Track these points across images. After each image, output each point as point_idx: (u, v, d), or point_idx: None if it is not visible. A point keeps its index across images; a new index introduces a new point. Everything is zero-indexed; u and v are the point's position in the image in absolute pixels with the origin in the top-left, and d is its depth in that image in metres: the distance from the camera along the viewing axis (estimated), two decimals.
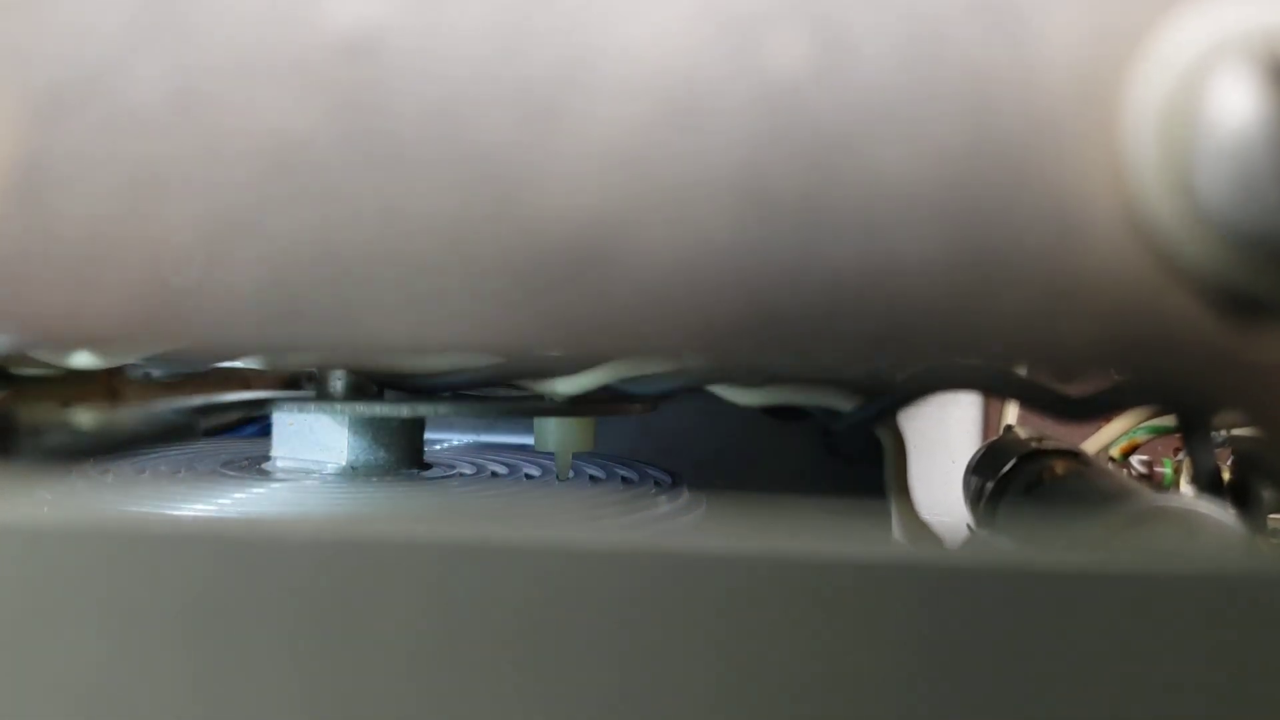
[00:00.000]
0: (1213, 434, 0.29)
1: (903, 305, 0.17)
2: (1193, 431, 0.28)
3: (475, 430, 0.52)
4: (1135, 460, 0.40)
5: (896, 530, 0.32)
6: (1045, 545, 0.22)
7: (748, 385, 0.32)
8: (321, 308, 0.18)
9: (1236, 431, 0.33)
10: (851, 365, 0.18)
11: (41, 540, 0.16)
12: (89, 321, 0.18)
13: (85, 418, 0.29)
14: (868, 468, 0.49)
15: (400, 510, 0.31)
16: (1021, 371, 0.28)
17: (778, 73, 0.17)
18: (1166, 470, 0.41)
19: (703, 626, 0.16)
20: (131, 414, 0.31)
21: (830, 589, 0.16)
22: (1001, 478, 0.32)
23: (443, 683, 0.16)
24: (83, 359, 0.32)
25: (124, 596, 0.16)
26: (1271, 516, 0.30)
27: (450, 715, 0.16)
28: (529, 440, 0.44)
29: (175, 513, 0.32)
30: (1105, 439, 0.37)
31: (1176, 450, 0.41)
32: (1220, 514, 0.25)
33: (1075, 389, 0.29)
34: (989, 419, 0.45)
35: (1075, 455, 0.32)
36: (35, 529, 0.16)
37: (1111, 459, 0.38)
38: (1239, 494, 0.29)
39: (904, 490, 0.32)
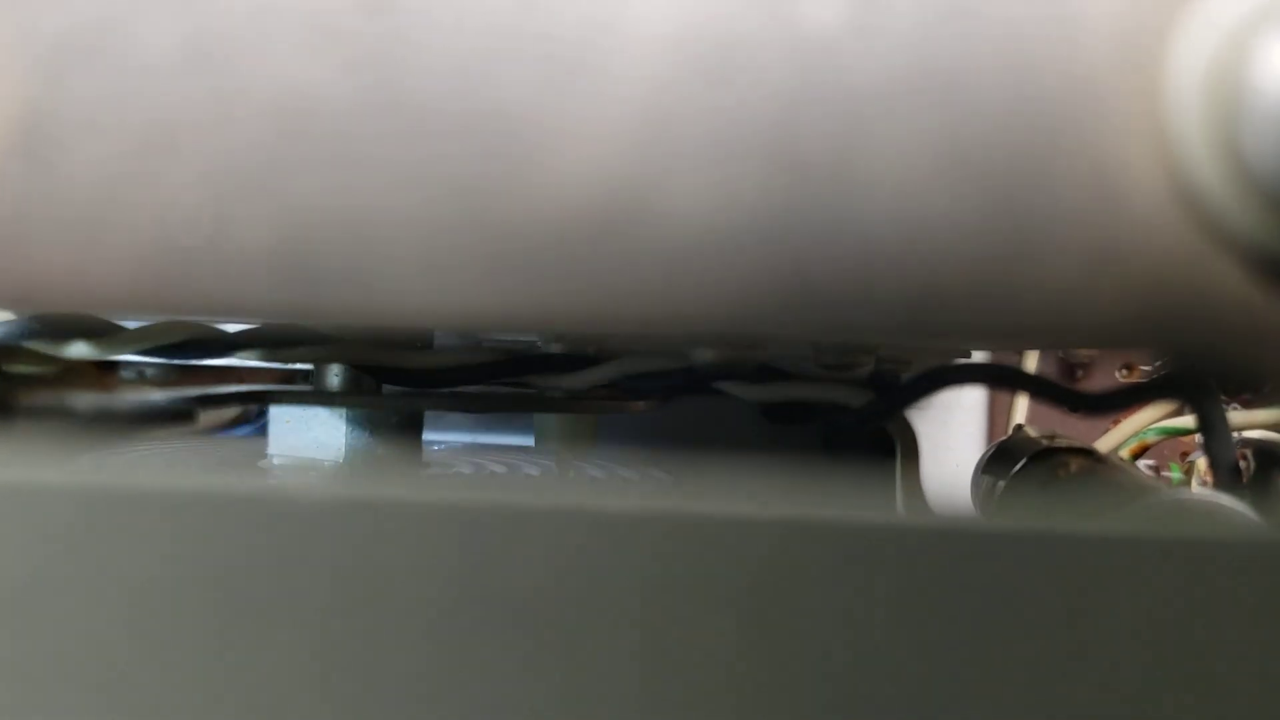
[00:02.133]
0: (1229, 429, 0.28)
1: (939, 273, 0.17)
2: (1211, 426, 0.28)
3: (474, 431, 0.52)
4: (1141, 464, 0.40)
5: None
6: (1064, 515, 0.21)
7: (756, 380, 0.32)
8: (334, 271, 0.17)
9: (1252, 433, 0.33)
10: (885, 335, 0.17)
11: (54, 502, 0.15)
12: (95, 283, 0.17)
13: (81, 402, 0.29)
14: (869, 468, 0.49)
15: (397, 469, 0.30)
16: (1033, 366, 0.28)
17: (810, 27, 0.17)
18: (1174, 474, 0.40)
19: (721, 591, 0.15)
20: (128, 401, 0.31)
21: (851, 552, 0.15)
22: (1013, 477, 0.32)
23: (462, 649, 0.15)
24: (79, 349, 0.31)
25: (133, 563, 0.15)
26: None
27: (469, 682, 0.15)
28: (528, 441, 0.43)
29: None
30: (1115, 440, 0.37)
31: (1184, 454, 0.41)
32: (1242, 509, 0.25)
33: (1089, 384, 0.29)
34: (994, 420, 0.45)
35: (1089, 453, 0.32)
36: (47, 490, 0.16)
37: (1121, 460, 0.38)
38: (1259, 490, 0.29)
39: (916, 489, 0.32)
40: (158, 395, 0.33)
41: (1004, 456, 0.33)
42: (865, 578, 0.15)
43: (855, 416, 0.32)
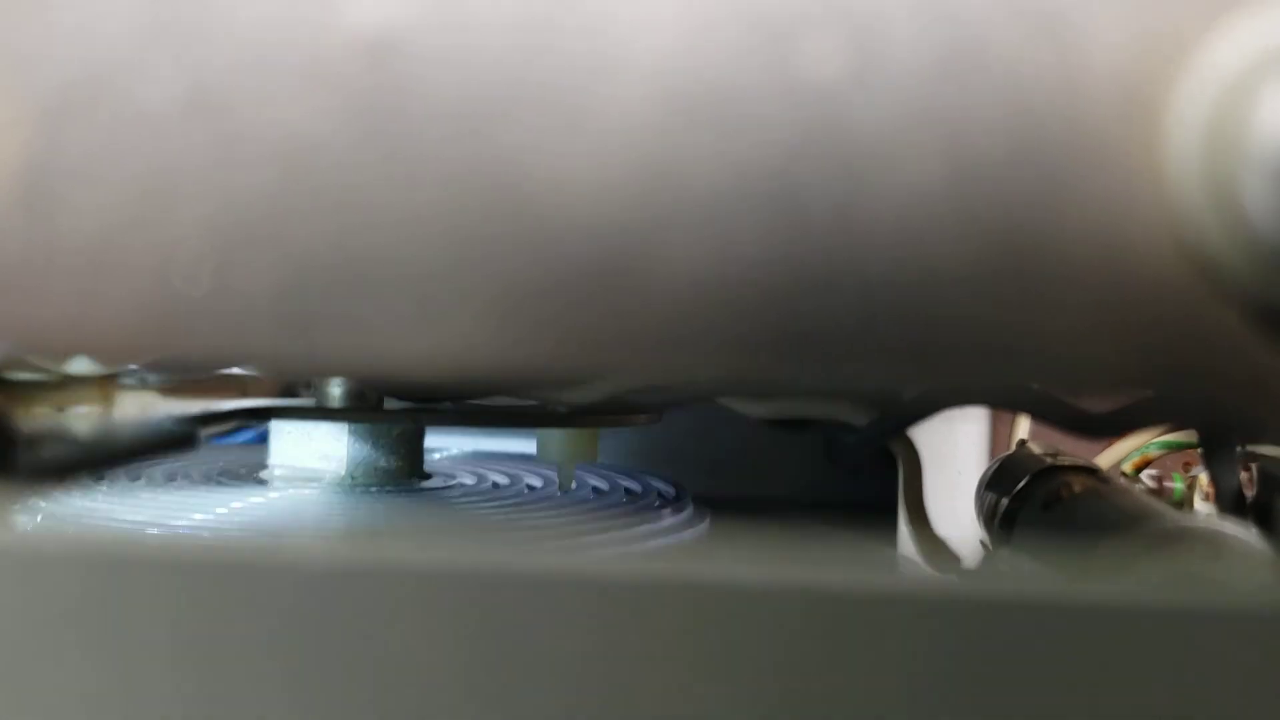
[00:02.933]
0: (1235, 452, 0.28)
1: (940, 321, 0.17)
2: (1214, 450, 0.28)
3: (476, 434, 0.52)
4: (1144, 475, 0.40)
5: (911, 546, 0.31)
6: (1067, 573, 0.21)
7: (762, 398, 0.32)
8: (336, 320, 0.17)
9: (1256, 448, 0.33)
10: (886, 383, 0.17)
11: (32, 562, 0.15)
12: (96, 331, 0.17)
13: (82, 426, 0.29)
14: (871, 478, 0.48)
15: (402, 531, 0.30)
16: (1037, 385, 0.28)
17: (811, 78, 0.17)
18: (1176, 485, 0.40)
19: (715, 656, 0.15)
20: (128, 424, 0.31)
21: (841, 620, 0.15)
22: (1017, 494, 0.31)
23: (443, 709, 0.15)
24: (80, 364, 0.31)
25: (116, 622, 0.15)
26: None
27: None
28: (530, 447, 0.43)
29: (173, 523, 0.32)
30: (1118, 454, 0.37)
31: (1187, 465, 0.41)
32: (1245, 535, 0.25)
33: (1094, 404, 0.28)
34: (997, 433, 0.45)
35: (1093, 472, 0.32)
36: (26, 549, 0.16)
37: (1124, 474, 0.38)
38: (1262, 514, 0.28)
39: (919, 505, 0.32)
40: (159, 414, 0.33)
41: (1007, 473, 0.33)
42: (868, 648, 0.15)
43: (859, 435, 0.32)
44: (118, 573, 0.15)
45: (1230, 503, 0.28)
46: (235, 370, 0.36)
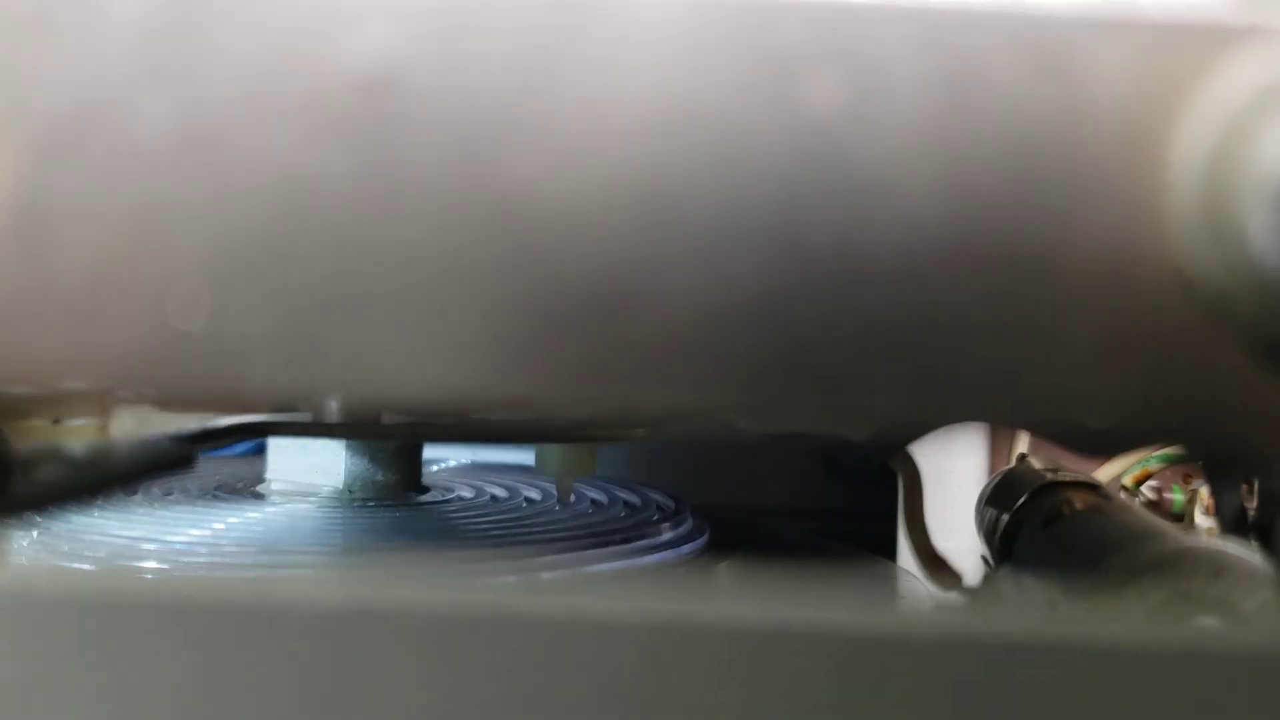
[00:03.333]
0: (1237, 472, 0.28)
1: (940, 356, 0.17)
2: (1217, 469, 0.28)
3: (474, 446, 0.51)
4: (1144, 487, 0.40)
5: (910, 564, 0.31)
6: (1070, 598, 0.21)
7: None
8: (333, 354, 0.17)
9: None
10: (886, 419, 0.17)
11: (27, 601, 0.15)
12: (90, 368, 0.17)
13: (77, 447, 0.28)
14: (869, 490, 0.48)
15: (401, 566, 0.30)
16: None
17: (812, 114, 0.16)
18: (1176, 497, 0.40)
19: (719, 698, 0.15)
20: (125, 443, 0.31)
21: (841, 662, 0.15)
22: (1017, 510, 0.31)
23: None
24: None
25: (111, 664, 0.15)
26: None
27: None
28: (529, 458, 0.43)
29: (169, 540, 0.32)
30: (1118, 468, 0.37)
31: (1187, 478, 0.41)
32: (1248, 555, 0.25)
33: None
34: (996, 448, 0.45)
35: (1094, 488, 0.31)
36: (19, 588, 0.15)
37: (1124, 487, 0.38)
38: (1264, 533, 0.28)
39: (919, 520, 0.32)
40: (156, 435, 0.33)
41: (1007, 489, 0.33)
42: (873, 690, 0.15)
43: (859, 452, 0.32)
44: (113, 613, 0.15)
45: (1232, 522, 0.28)
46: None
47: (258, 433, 0.38)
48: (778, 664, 0.15)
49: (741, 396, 0.17)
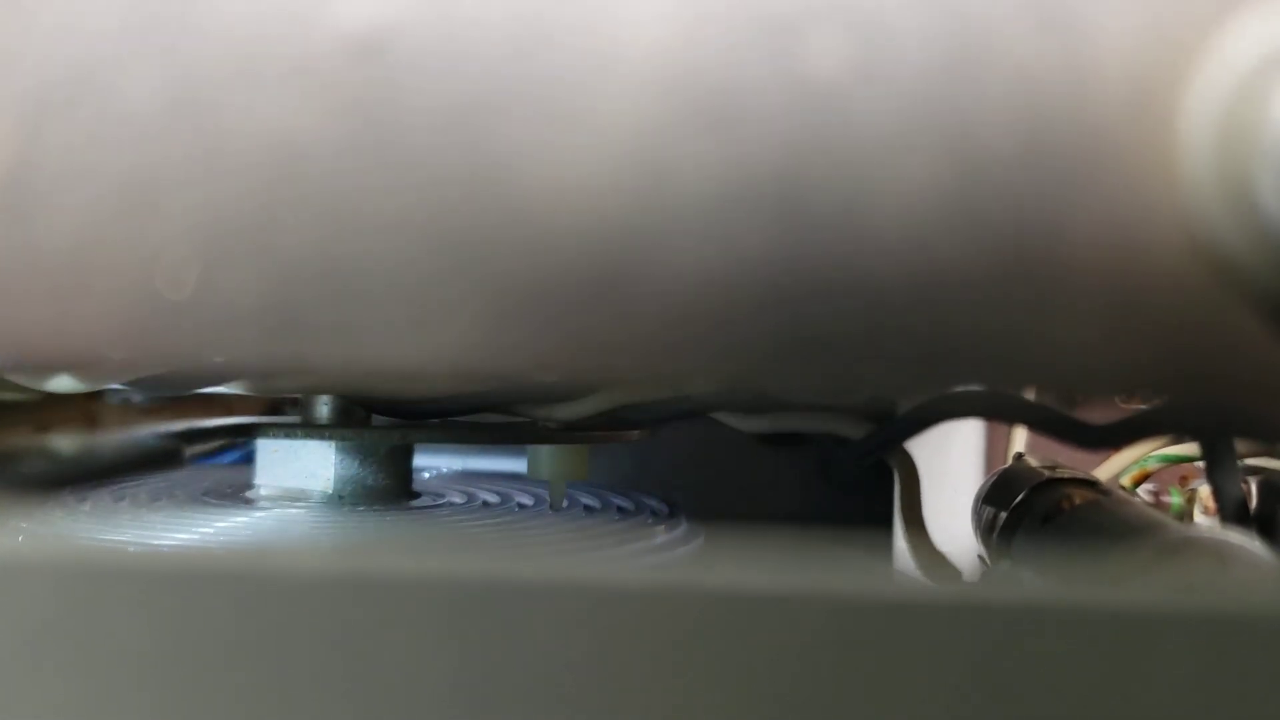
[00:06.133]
0: (1237, 463, 0.28)
1: (948, 324, 0.16)
2: (1217, 461, 0.27)
3: (466, 453, 0.51)
4: (1142, 490, 0.39)
5: (909, 560, 0.31)
6: (1070, 580, 0.20)
7: (761, 409, 0.31)
8: (324, 327, 0.17)
9: (1256, 460, 0.32)
10: (892, 389, 0.17)
11: (12, 575, 0.15)
12: (76, 340, 0.17)
13: (64, 444, 0.28)
14: (865, 495, 0.48)
15: (393, 543, 0.30)
16: (1034, 397, 0.28)
17: (815, 74, 0.16)
18: (1174, 499, 0.40)
19: (710, 666, 0.15)
20: (111, 440, 0.30)
21: (840, 628, 0.15)
22: (1016, 507, 0.31)
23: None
24: (62, 383, 0.30)
25: (102, 637, 0.15)
26: None
27: None
28: (520, 467, 0.43)
29: (156, 544, 0.31)
30: (1116, 467, 0.36)
31: (1184, 480, 0.40)
32: (1250, 545, 0.24)
33: (1094, 416, 0.28)
34: (993, 446, 0.44)
35: (1093, 484, 0.31)
36: (5, 563, 0.15)
37: (1122, 488, 0.37)
38: (1265, 524, 0.28)
39: (917, 519, 0.31)
40: (143, 432, 0.32)
41: (1005, 486, 0.33)
42: (866, 654, 0.14)
43: (854, 449, 0.32)
44: (97, 586, 0.15)
45: (1233, 513, 0.28)
46: (220, 389, 0.35)
47: (245, 434, 0.38)
48: (779, 631, 0.14)
49: (743, 366, 0.16)
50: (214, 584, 0.14)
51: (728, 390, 0.17)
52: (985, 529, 0.33)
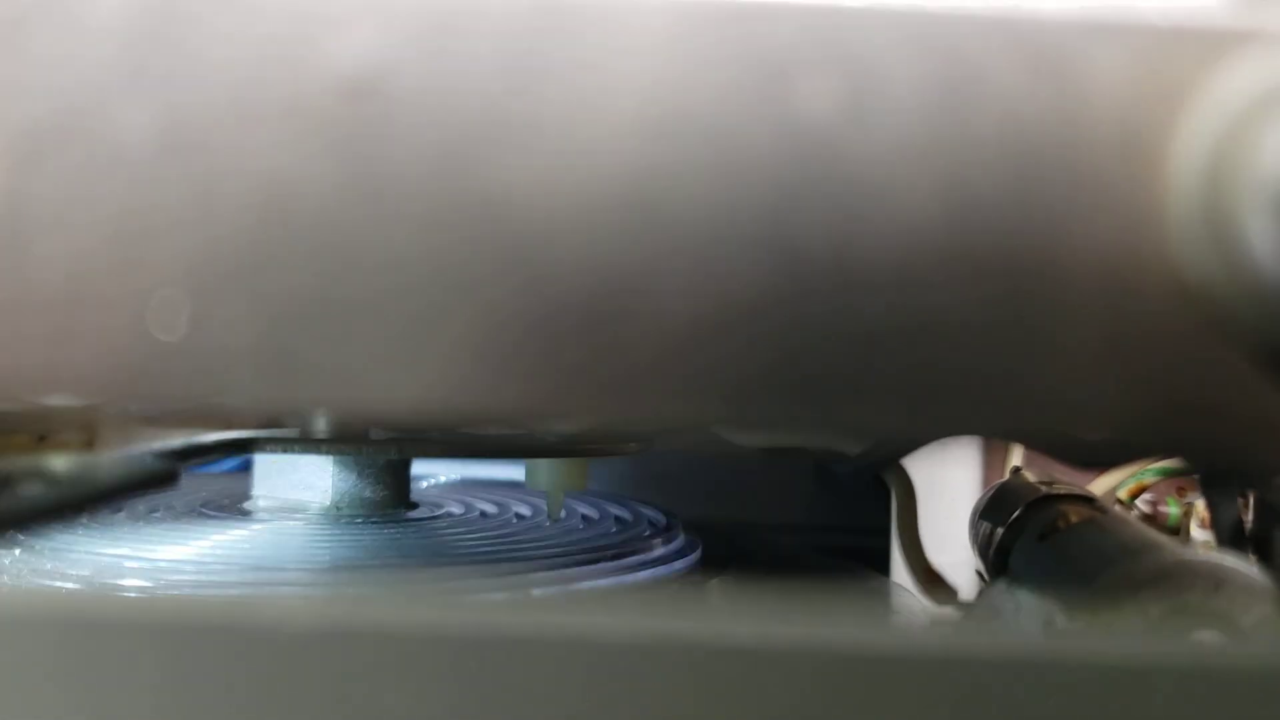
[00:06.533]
0: (1233, 484, 0.28)
1: (937, 363, 0.16)
2: (1213, 482, 0.27)
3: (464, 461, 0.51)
4: (1139, 500, 0.39)
5: (905, 578, 0.31)
6: (1067, 608, 0.20)
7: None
8: (318, 363, 0.17)
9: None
10: (882, 426, 0.17)
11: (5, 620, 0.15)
12: (67, 379, 0.17)
13: (60, 464, 0.28)
14: (863, 504, 0.48)
15: (386, 586, 0.30)
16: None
17: (807, 116, 0.16)
18: (1171, 510, 0.40)
19: (710, 714, 0.15)
20: (108, 461, 0.30)
21: (835, 679, 0.15)
22: (1012, 523, 0.31)
23: None
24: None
25: (91, 688, 0.15)
26: None
27: None
28: (519, 474, 0.43)
29: (154, 557, 0.31)
30: (1113, 481, 0.37)
31: (1181, 491, 0.40)
32: (1246, 568, 0.24)
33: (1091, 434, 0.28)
34: (990, 461, 0.44)
35: (1089, 501, 0.31)
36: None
37: (1119, 501, 0.37)
38: (1261, 546, 0.28)
39: (913, 535, 0.31)
40: (140, 450, 0.33)
41: (1001, 502, 0.33)
42: (854, 704, 0.14)
43: (852, 464, 0.32)
44: (90, 633, 0.15)
45: (1229, 534, 0.28)
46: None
47: (243, 449, 0.38)
48: (770, 681, 0.14)
49: (734, 406, 0.16)
50: (205, 634, 0.14)
51: (720, 425, 0.17)
52: (982, 545, 0.33)
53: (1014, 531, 0.31)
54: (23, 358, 0.16)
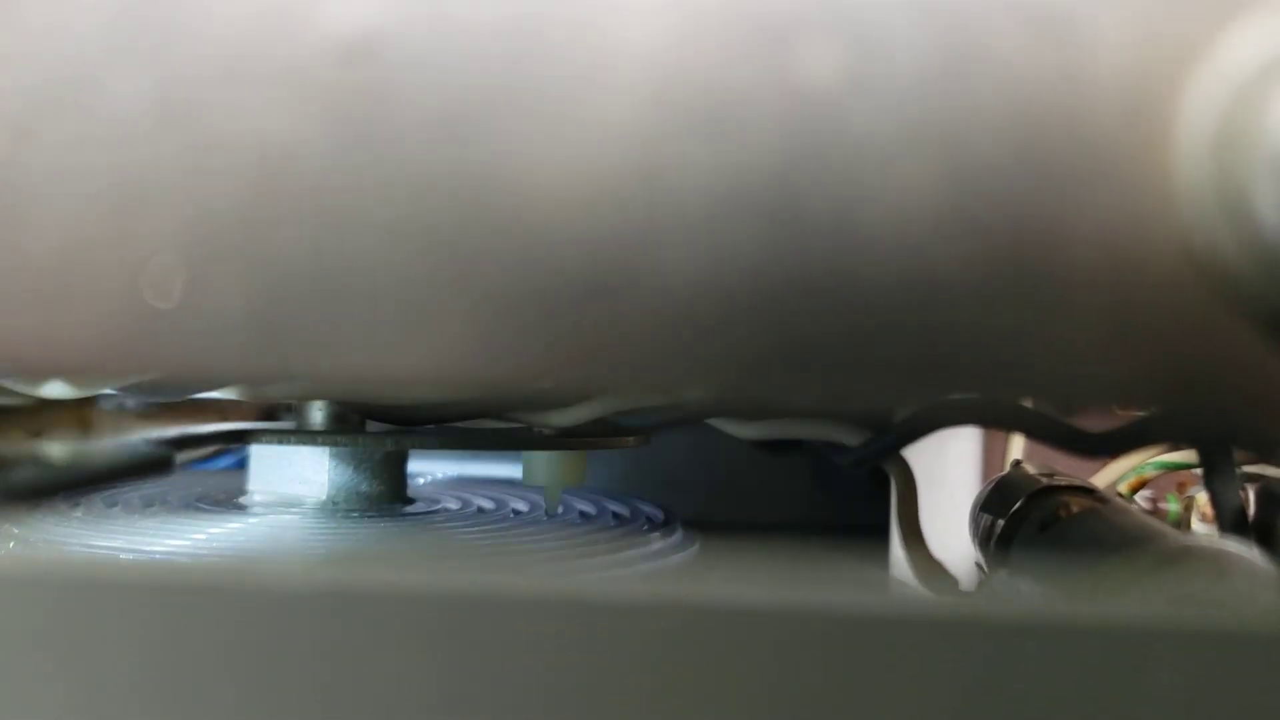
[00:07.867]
0: (1235, 471, 0.28)
1: (941, 333, 0.16)
2: (1215, 468, 0.27)
3: (461, 459, 0.51)
4: (1138, 497, 0.39)
5: (907, 570, 0.31)
6: (1068, 593, 0.20)
7: (755, 416, 0.31)
8: (313, 334, 0.16)
9: (1255, 467, 0.32)
10: (886, 398, 0.17)
11: (3, 586, 0.15)
12: (62, 348, 0.16)
13: (56, 450, 0.28)
14: (862, 502, 0.48)
15: (385, 554, 0.29)
16: (1031, 405, 0.27)
17: (808, 82, 0.16)
18: (1171, 506, 0.40)
19: (704, 680, 0.15)
20: (104, 447, 0.30)
21: (833, 642, 0.14)
22: (1013, 515, 0.31)
23: None
24: (54, 389, 0.30)
25: (89, 649, 0.15)
26: None
27: None
28: (516, 473, 0.43)
29: (148, 550, 0.31)
30: (1113, 475, 0.36)
31: (1181, 486, 0.40)
32: (1249, 554, 0.24)
33: (1092, 424, 0.28)
34: (990, 454, 0.44)
35: (1090, 492, 0.31)
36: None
37: (1120, 495, 0.37)
38: (1264, 532, 0.28)
39: (914, 527, 0.31)
40: (136, 438, 0.32)
41: (1002, 494, 0.33)
42: (858, 668, 0.14)
43: (851, 456, 0.32)
44: (86, 597, 0.15)
45: (1231, 522, 0.27)
46: (213, 394, 0.35)
47: (239, 440, 0.38)
48: (774, 646, 0.14)
49: (736, 375, 0.16)
50: (201, 595, 0.14)
51: (722, 397, 0.17)
52: (983, 537, 0.33)
53: (1015, 523, 0.31)
54: (18, 323, 0.16)
